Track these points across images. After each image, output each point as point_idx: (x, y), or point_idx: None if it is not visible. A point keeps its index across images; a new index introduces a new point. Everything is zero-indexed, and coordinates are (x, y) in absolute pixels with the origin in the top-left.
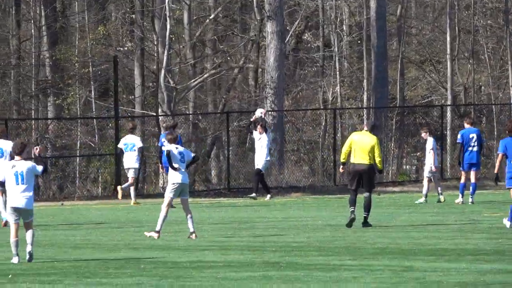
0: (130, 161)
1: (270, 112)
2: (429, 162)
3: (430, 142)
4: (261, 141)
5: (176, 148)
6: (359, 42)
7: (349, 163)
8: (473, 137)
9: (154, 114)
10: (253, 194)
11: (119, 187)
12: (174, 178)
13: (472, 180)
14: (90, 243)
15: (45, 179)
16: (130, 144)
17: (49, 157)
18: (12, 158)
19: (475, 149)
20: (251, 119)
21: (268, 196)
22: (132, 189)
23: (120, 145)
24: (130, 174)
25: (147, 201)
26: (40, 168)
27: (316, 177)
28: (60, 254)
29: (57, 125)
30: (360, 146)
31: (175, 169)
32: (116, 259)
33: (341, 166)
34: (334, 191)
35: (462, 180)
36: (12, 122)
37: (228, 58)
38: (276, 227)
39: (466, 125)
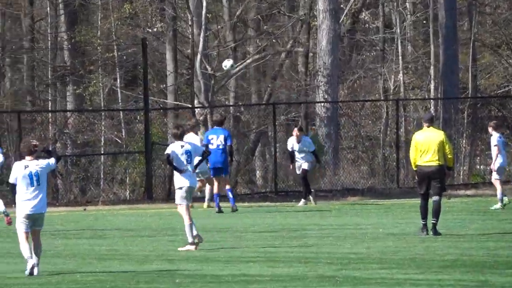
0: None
1: (322, 104)
2: (498, 161)
3: (494, 138)
4: (302, 147)
5: (182, 146)
6: (424, 22)
7: (416, 165)
8: None
9: (189, 105)
10: (306, 198)
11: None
12: (181, 181)
13: None
14: (117, 253)
15: (65, 180)
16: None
17: (69, 155)
18: (22, 158)
19: None
20: None
21: (303, 201)
22: (207, 190)
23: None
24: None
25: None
26: (52, 161)
27: (377, 178)
28: (83, 266)
29: (78, 118)
30: (427, 146)
31: (181, 171)
32: (147, 272)
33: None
34: (398, 195)
35: None
36: (25, 115)
37: (274, 40)
38: (331, 236)
39: None
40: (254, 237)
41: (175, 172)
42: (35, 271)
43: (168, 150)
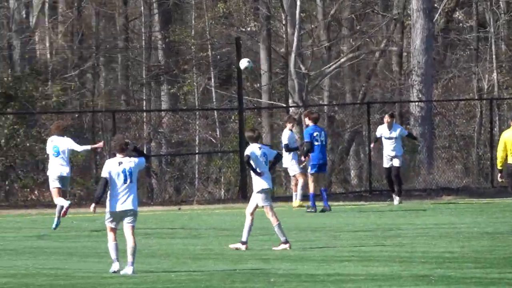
0: (285, 159)
1: (417, 103)
2: None
3: None
4: (393, 134)
5: (260, 148)
6: None
7: (506, 163)
8: None
9: (284, 105)
10: (400, 196)
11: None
12: (261, 184)
13: None
14: (212, 253)
15: (159, 180)
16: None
17: (163, 154)
18: (113, 155)
19: None
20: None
21: (397, 199)
22: (299, 188)
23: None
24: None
25: (275, 206)
26: (143, 159)
27: (471, 177)
28: (178, 266)
29: (172, 117)
30: None
31: (259, 174)
32: (242, 272)
33: (499, 174)
34: (492, 194)
35: None
36: (120, 114)
37: (368, 40)
38: (426, 235)
39: None
40: (348, 236)
41: (253, 175)
42: (126, 271)
43: (248, 152)
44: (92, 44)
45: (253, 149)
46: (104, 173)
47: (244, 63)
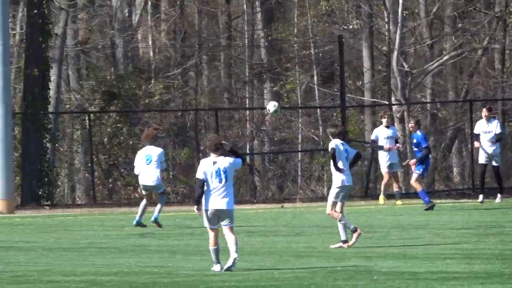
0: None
1: None
2: None
3: None
4: (490, 127)
5: (342, 144)
6: None
7: None
8: None
9: (386, 102)
10: (502, 194)
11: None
12: (340, 180)
13: None
14: (315, 251)
15: (262, 178)
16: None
17: (266, 152)
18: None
19: None
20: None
21: (499, 197)
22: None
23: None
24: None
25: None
26: (239, 160)
27: None
28: (281, 264)
29: (275, 115)
30: None
31: (340, 170)
32: (345, 269)
33: None
34: None
35: None
36: (222, 112)
37: (470, 37)
38: None
39: None
40: (451, 234)
41: (333, 170)
42: (228, 267)
43: (332, 145)
44: (194, 42)
45: (337, 143)
46: (199, 174)
47: (272, 107)
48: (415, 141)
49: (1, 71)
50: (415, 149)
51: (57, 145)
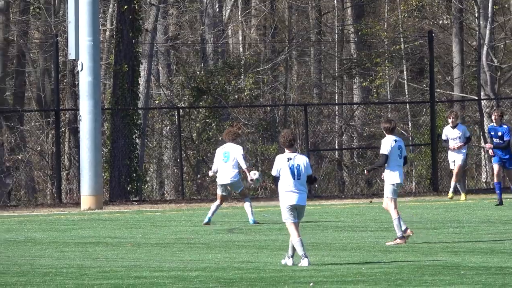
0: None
1: None
2: None
3: None
4: None
5: (395, 141)
6: None
7: None
8: None
9: (475, 97)
10: None
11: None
12: (394, 178)
13: None
14: (402, 246)
15: (351, 173)
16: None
17: (355, 147)
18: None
19: None
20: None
21: None
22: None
23: None
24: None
25: (472, 197)
26: (310, 173)
27: None
28: (369, 259)
29: (364, 111)
30: None
31: (392, 167)
32: (432, 264)
33: None
34: None
35: None
36: (312, 108)
37: None
38: None
39: None
40: None
41: (386, 167)
42: (303, 264)
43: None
44: (284, 37)
45: (389, 140)
46: (274, 171)
47: (253, 175)
48: (500, 133)
49: (92, 67)
50: (498, 141)
51: (146, 140)
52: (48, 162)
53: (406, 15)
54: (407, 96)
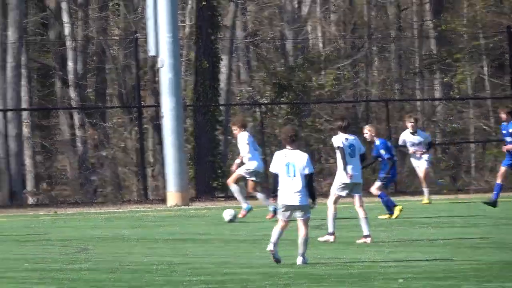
0: None
1: None
2: None
3: None
4: None
5: (347, 139)
6: None
7: None
8: None
9: None
10: None
11: None
12: (342, 176)
13: None
14: (491, 242)
15: (435, 169)
16: None
17: (438, 143)
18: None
19: None
20: None
21: None
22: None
23: None
24: None
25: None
26: (311, 174)
27: None
28: (457, 255)
29: (445, 106)
30: None
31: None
32: None
33: None
34: None
35: None
36: (393, 103)
37: None
38: None
39: None
40: None
41: (338, 164)
42: (298, 262)
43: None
44: (364, 33)
45: (339, 138)
46: (271, 167)
47: (227, 216)
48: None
49: (172, 64)
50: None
51: (229, 137)
52: (133, 159)
53: (484, 10)
54: (488, 91)
